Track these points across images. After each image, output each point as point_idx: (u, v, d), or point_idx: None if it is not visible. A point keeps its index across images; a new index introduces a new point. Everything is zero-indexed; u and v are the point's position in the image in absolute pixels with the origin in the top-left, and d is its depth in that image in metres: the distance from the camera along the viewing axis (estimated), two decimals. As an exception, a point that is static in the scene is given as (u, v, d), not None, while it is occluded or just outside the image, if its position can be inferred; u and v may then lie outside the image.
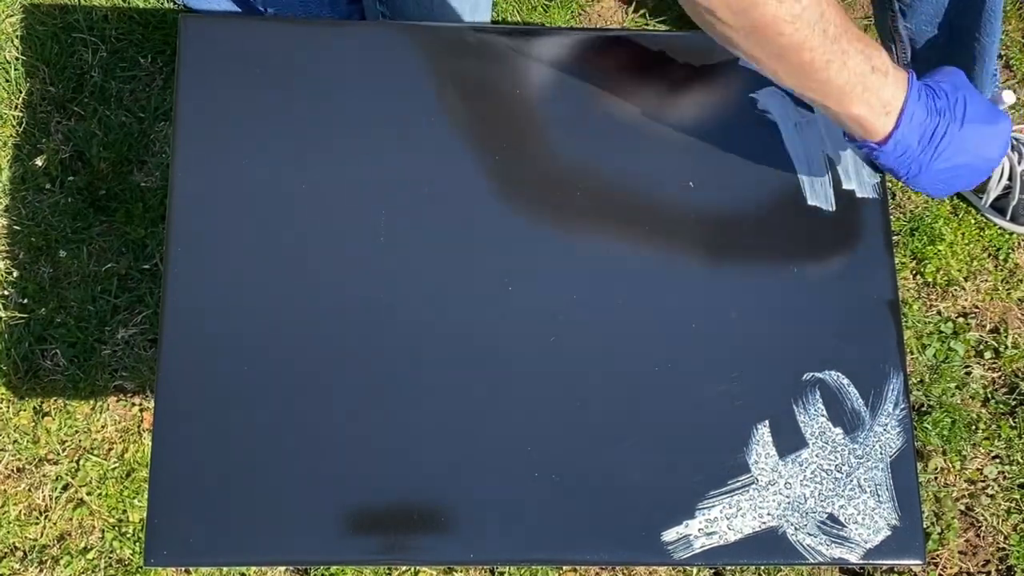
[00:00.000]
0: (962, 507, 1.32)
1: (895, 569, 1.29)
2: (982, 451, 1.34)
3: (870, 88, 0.77)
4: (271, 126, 0.90)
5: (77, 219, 1.38)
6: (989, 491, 1.33)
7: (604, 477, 0.83)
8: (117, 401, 1.33)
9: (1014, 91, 0.86)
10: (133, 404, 1.33)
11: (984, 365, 1.37)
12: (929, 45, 1.16)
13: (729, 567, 1.25)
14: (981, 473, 1.33)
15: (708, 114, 0.94)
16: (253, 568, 1.26)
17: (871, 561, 0.83)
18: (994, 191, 1.38)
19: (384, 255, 0.88)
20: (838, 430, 0.85)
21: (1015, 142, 1.38)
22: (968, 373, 1.37)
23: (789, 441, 0.85)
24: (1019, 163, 1.37)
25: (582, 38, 0.96)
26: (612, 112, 0.93)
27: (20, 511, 1.29)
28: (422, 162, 0.90)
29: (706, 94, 0.94)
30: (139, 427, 1.32)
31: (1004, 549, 1.31)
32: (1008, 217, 1.40)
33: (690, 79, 0.94)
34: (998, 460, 1.34)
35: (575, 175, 0.91)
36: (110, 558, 1.28)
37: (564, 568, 1.28)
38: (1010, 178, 1.37)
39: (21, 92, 1.43)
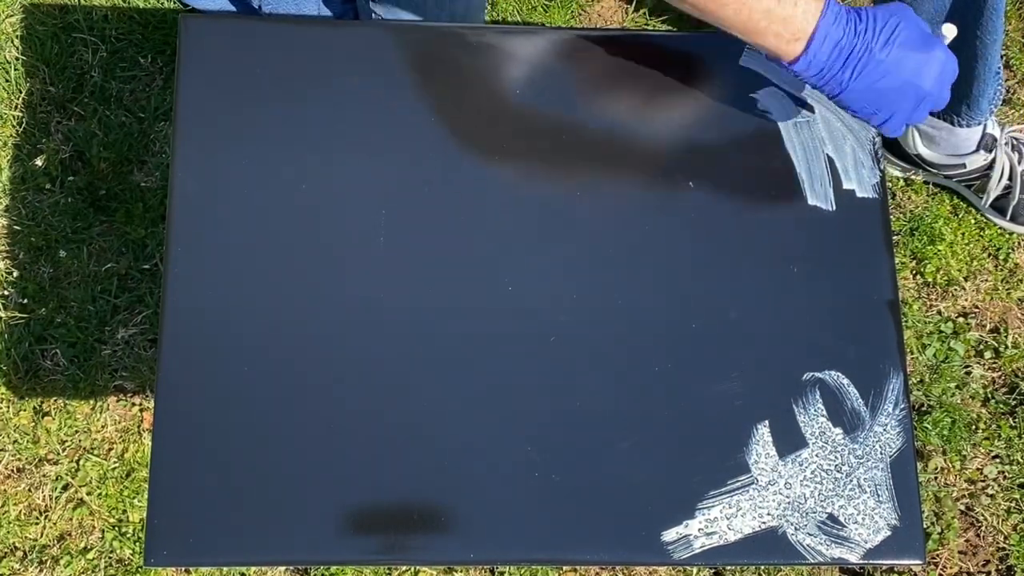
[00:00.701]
0: (962, 507, 1.32)
1: (895, 569, 1.29)
2: (982, 451, 1.34)
3: (775, 20, 0.81)
4: (271, 126, 0.90)
5: (77, 219, 1.38)
6: (989, 491, 1.33)
7: (604, 477, 0.83)
8: (117, 401, 1.33)
9: (955, 24, 0.88)
10: (133, 404, 1.33)
11: (984, 365, 1.37)
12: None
13: (729, 567, 1.25)
14: (981, 473, 1.33)
15: (708, 114, 0.94)
16: (253, 568, 1.25)
17: (871, 561, 0.83)
18: (994, 191, 1.38)
19: (384, 255, 0.88)
20: (838, 430, 0.85)
21: (1015, 142, 1.37)
22: (968, 373, 1.37)
23: (789, 441, 0.85)
24: (1019, 163, 1.37)
25: (582, 38, 0.96)
26: (612, 112, 0.93)
27: (20, 511, 1.29)
28: (422, 162, 0.90)
29: (706, 94, 0.94)
30: (139, 427, 1.32)
31: (1004, 549, 1.31)
32: (1008, 217, 1.40)
33: (690, 79, 0.94)
34: (998, 460, 1.34)
35: (575, 175, 0.91)
36: (110, 558, 1.28)
37: (564, 568, 1.28)
38: (1010, 178, 1.37)
39: (21, 92, 1.43)
